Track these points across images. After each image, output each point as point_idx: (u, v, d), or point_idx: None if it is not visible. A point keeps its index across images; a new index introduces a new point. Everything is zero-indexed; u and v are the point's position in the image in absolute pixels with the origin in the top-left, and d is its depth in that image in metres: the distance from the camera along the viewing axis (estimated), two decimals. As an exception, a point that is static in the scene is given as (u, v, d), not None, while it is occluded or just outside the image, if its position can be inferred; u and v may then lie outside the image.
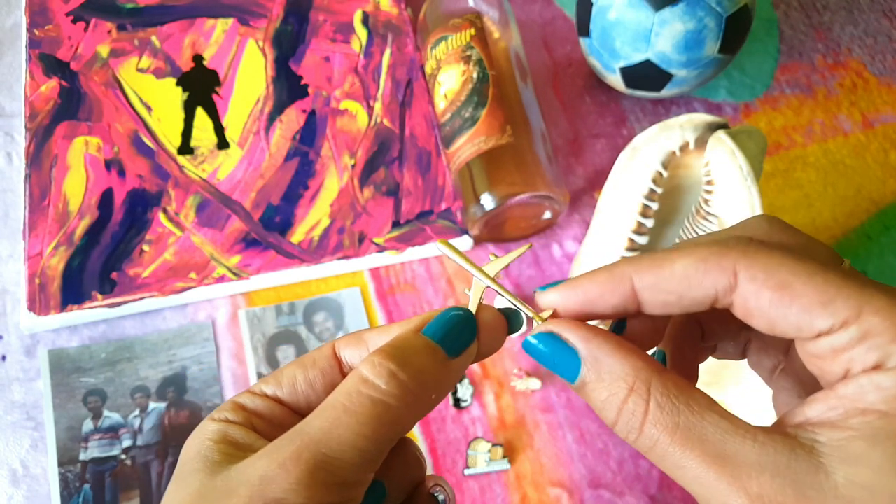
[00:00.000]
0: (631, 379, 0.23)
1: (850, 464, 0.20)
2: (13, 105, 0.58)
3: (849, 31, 0.68)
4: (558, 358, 0.24)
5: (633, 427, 0.22)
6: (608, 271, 0.24)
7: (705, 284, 0.23)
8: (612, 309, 0.24)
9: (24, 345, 0.51)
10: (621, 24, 0.54)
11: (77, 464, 0.47)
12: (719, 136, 0.46)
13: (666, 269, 0.23)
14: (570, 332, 0.24)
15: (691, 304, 0.23)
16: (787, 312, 0.22)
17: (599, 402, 0.23)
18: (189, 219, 0.54)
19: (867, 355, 0.21)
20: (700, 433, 0.21)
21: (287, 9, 0.63)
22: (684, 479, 0.22)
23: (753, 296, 0.22)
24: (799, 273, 0.22)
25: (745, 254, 0.23)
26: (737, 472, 0.21)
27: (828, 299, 0.21)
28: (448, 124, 0.55)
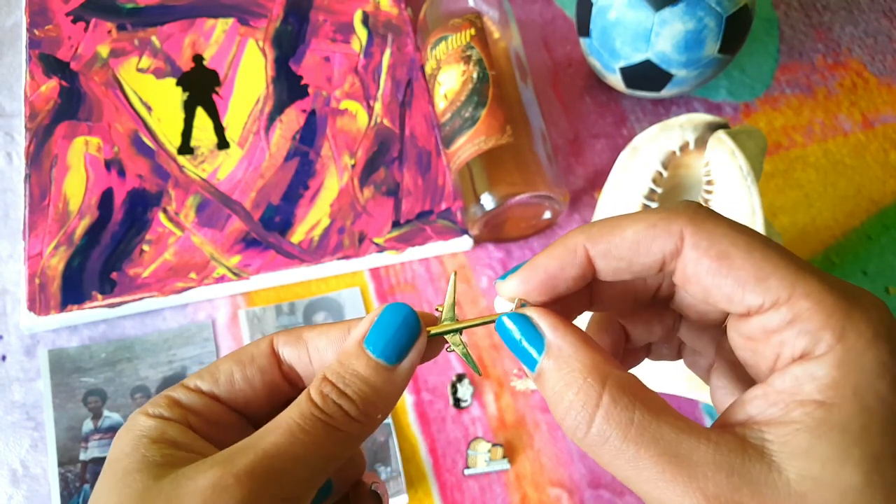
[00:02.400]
0: (587, 371, 0.22)
1: (799, 458, 0.20)
2: (13, 105, 0.58)
3: (849, 31, 0.68)
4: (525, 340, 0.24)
5: (581, 421, 0.22)
6: (562, 244, 0.24)
7: (653, 250, 0.23)
8: (572, 281, 0.24)
9: (25, 345, 0.51)
10: (621, 24, 0.54)
11: (77, 464, 0.47)
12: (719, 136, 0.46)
13: (616, 235, 0.23)
14: (541, 318, 0.24)
15: (641, 269, 0.24)
16: (723, 283, 0.22)
17: (553, 392, 0.23)
18: (189, 219, 0.54)
19: (797, 340, 0.21)
20: (655, 432, 0.21)
21: (287, 9, 0.63)
22: (637, 479, 0.21)
23: (693, 263, 0.22)
24: (740, 245, 0.22)
25: (693, 220, 0.23)
26: (693, 473, 0.20)
27: (763, 276, 0.22)
28: (448, 124, 0.55)
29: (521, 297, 0.25)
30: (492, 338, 0.53)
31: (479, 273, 0.56)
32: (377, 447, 0.50)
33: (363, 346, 0.24)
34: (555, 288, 0.24)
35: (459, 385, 0.51)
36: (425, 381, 0.52)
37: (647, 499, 0.21)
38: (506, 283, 0.25)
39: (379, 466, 0.49)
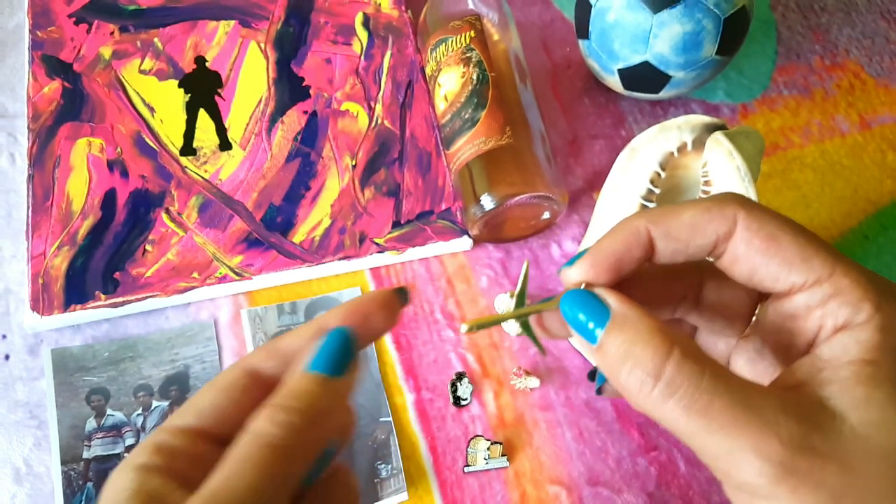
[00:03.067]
0: (656, 330, 0.23)
1: (859, 407, 0.22)
2: (16, 106, 0.59)
3: (846, 33, 0.69)
4: (589, 314, 0.25)
5: (649, 374, 0.23)
6: (625, 227, 0.26)
7: (708, 231, 0.25)
8: (636, 262, 0.26)
9: (28, 344, 0.51)
10: (620, 26, 0.54)
11: (80, 462, 0.48)
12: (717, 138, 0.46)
13: (676, 217, 0.25)
14: (605, 293, 0.25)
15: (695, 251, 0.26)
16: (770, 262, 0.24)
17: (618, 353, 0.23)
18: (191, 219, 0.55)
19: (838, 311, 0.24)
20: (727, 383, 0.22)
21: (288, 11, 0.63)
22: (707, 430, 0.22)
23: (745, 242, 0.25)
24: (786, 230, 0.25)
25: (744, 205, 0.25)
26: (766, 420, 0.22)
27: (807, 256, 0.24)
28: (448, 125, 0.55)
29: (586, 281, 0.26)
30: (491, 337, 0.54)
31: (479, 273, 0.56)
32: (378, 445, 0.50)
33: (304, 371, 0.25)
34: (620, 269, 0.26)
35: (459, 384, 0.52)
36: (425, 379, 0.52)
37: (712, 451, 0.22)
38: (573, 268, 0.26)
39: (379, 464, 0.50)
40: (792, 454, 0.21)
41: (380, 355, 0.53)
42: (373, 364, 0.52)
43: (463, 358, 0.53)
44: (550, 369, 0.53)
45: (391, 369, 0.52)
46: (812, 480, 0.21)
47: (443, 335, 0.54)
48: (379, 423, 0.51)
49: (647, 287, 0.28)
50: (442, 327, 0.54)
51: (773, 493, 0.21)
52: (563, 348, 0.54)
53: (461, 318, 0.54)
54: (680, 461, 0.51)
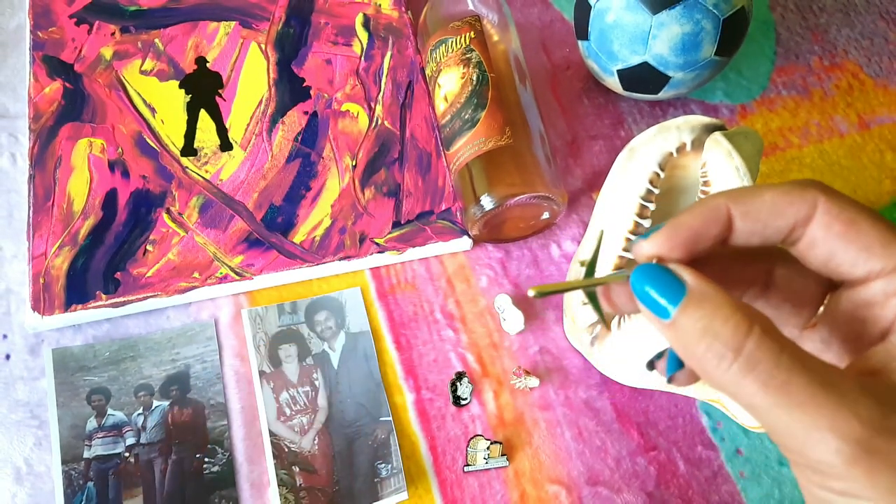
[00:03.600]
0: (737, 306, 0.23)
1: None
2: (17, 106, 0.59)
3: (845, 34, 0.69)
4: (662, 290, 0.24)
5: (729, 349, 0.22)
6: (705, 204, 0.26)
7: (788, 213, 0.25)
8: (712, 240, 0.25)
9: (29, 344, 0.51)
10: (619, 27, 0.55)
11: (81, 462, 0.48)
12: (716, 138, 0.46)
13: (757, 197, 0.25)
14: (680, 268, 0.25)
15: (773, 232, 0.25)
16: (849, 247, 0.24)
17: (695, 330, 0.23)
18: (192, 219, 0.55)
19: None
20: (806, 362, 0.22)
21: (289, 12, 0.63)
22: (784, 406, 0.22)
23: (824, 227, 0.24)
24: (866, 215, 0.24)
25: (824, 190, 0.25)
26: (844, 398, 0.21)
27: (887, 242, 0.24)
28: (448, 126, 0.55)
29: (659, 255, 0.26)
30: (491, 337, 0.54)
31: (479, 273, 0.56)
32: (378, 444, 0.50)
33: None
34: (696, 245, 0.25)
35: (459, 383, 0.52)
36: (425, 379, 0.52)
37: (787, 428, 0.22)
38: (647, 241, 0.26)
39: (379, 464, 0.50)
40: (870, 434, 0.21)
41: (380, 355, 0.53)
42: (373, 364, 0.53)
43: (463, 357, 0.53)
44: (550, 369, 0.53)
45: (391, 369, 0.53)
46: (889, 461, 0.21)
47: (443, 335, 0.54)
48: (379, 422, 0.51)
49: (717, 269, 0.27)
50: (442, 327, 0.54)
51: (847, 473, 0.21)
52: (562, 348, 0.54)
53: (461, 318, 0.54)
54: (679, 461, 0.51)
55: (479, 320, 0.54)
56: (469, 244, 0.56)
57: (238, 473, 0.49)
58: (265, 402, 0.50)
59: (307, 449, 0.50)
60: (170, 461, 0.49)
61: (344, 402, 0.51)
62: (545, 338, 0.54)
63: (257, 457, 0.49)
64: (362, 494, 0.49)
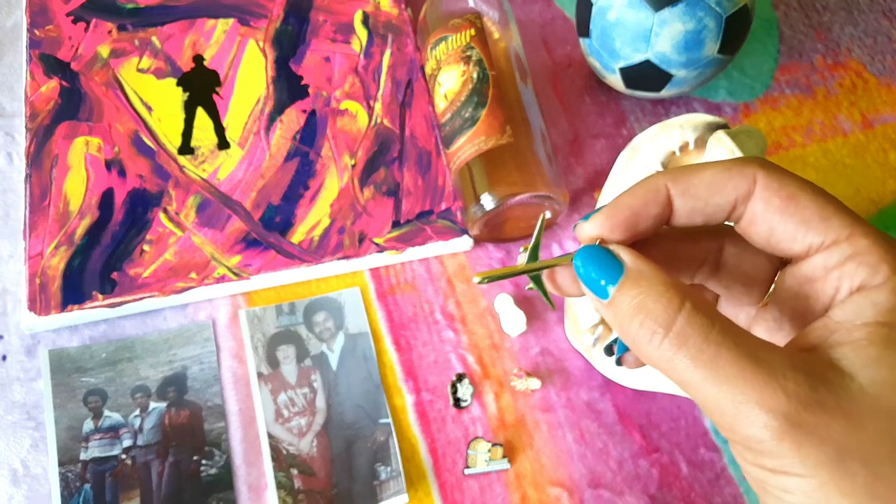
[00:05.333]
0: (669, 284, 0.23)
1: (870, 366, 0.22)
2: (14, 105, 0.58)
3: (848, 32, 0.68)
4: (602, 269, 0.25)
5: (660, 325, 0.23)
6: (644, 184, 0.26)
7: (728, 189, 0.25)
8: (653, 220, 0.26)
9: (25, 345, 0.51)
10: (621, 25, 0.54)
11: (77, 463, 0.48)
12: (719, 137, 0.46)
13: (696, 175, 0.25)
14: (619, 248, 0.25)
15: (714, 210, 0.25)
16: (789, 221, 0.24)
17: (629, 307, 0.23)
18: (189, 219, 0.54)
19: (856, 272, 0.23)
20: (735, 335, 0.22)
21: (287, 9, 0.63)
22: (713, 380, 0.22)
23: (764, 202, 0.24)
24: (806, 190, 0.24)
25: (763, 165, 0.25)
26: (773, 372, 0.21)
27: (826, 216, 0.24)
28: (448, 124, 0.55)
29: (601, 237, 0.26)
30: (492, 338, 0.54)
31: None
32: (377, 447, 0.50)
33: None
34: (636, 225, 0.26)
35: (459, 385, 0.51)
36: (425, 380, 0.52)
37: (717, 405, 0.22)
38: (588, 222, 0.26)
39: (379, 466, 0.49)
40: (797, 408, 0.21)
41: (379, 356, 0.52)
42: (372, 365, 0.52)
43: (463, 359, 0.53)
44: (551, 371, 0.53)
45: (391, 370, 0.52)
46: (817, 435, 0.21)
47: (443, 336, 0.53)
48: (378, 424, 0.50)
49: (665, 250, 0.27)
50: (442, 328, 0.54)
51: (777, 448, 0.21)
52: (564, 349, 0.53)
53: (461, 319, 0.54)
54: (682, 463, 0.51)
55: (479, 321, 0.54)
56: (469, 244, 0.56)
57: (236, 476, 0.49)
58: (263, 403, 0.50)
59: (305, 451, 0.49)
60: (167, 463, 0.48)
61: (343, 403, 0.51)
62: (546, 339, 0.54)
63: (255, 459, 0.49)
64: (361, 497, 0.48)
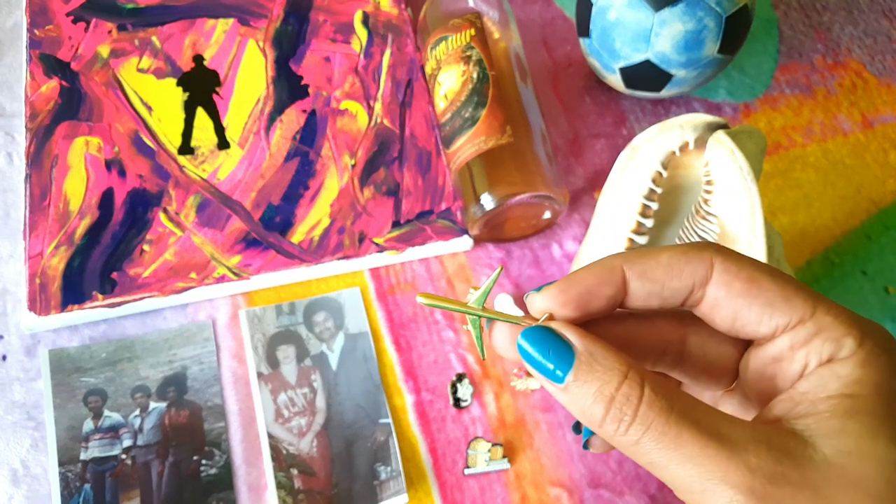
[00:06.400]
0: (626, 367, 0.23)
1: (833, 437, 0.22)
2: (14, 105, 0.58)
3: (848, 32, 0.68)
4: (551, 354, 0.24)
5: (626, 413, 0.22)
6: (600, 264, 0.26)
7: (685, 274, 0.25)
8: (606, 300, 0.25)
9: (25, 345, 0.51)
10: (621, 25, 0.54)
11: (77, 463, 0.48)
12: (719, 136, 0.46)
13: (653, 258, 0.25)
14: (567, 330, 0.24)
15: (671, 294, 0.25)
16: (753, 303, 0.24)
17: (589, 395, 0.23)
18: (189, 219, 0.54)
19: (823, 348, 0.23)
20: (694, 415, 0.22)
21: (287, 9, 0.63)
22: (679, 460, 0.22)
23: (725, 286, 0.24)
24: (764, 271, 0.24)
25: (720, 251, 0.25)
26: (734, 447, 0.21)
27: (788, 296, 0.24)
28: (448, 124, 0.55)
29: (551, 311, 0.25)
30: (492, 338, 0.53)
31: (479, 273, 0.56)
32: (377, 447, 0.50)
33: None
34: (588, 304, 0.25)
35: (459, 385, 0.51)
36: (425, 380, 0.52)
37: (686, 484, 0.22)
38: (540, 294, 0.25)
39: (379, 466, 0.49)
40: (762, 482, 0.21)
41: (379, 356, 0.52)
42: (372, 365, 0.52)
43: (463, 359, 0.53)
44: (551, 370, 0.53)
45: (391, 370, 0.52)
46: None
47: (443, 336, 0.53)
48: (378, 424, 0.50)
49: (621, 334, 0.27)
50: (442, 328, 0.54)
51: None
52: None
53: (461, 319, 0.54)
54: (681, 463, 0.51)
55: (479, 321, 0.54)
56: (469, 244, 0.56)
57: (236, 476, 0.49)
58: (263, 403, 0.50)
59: (305, 451, 0.49)
60: (167, 463, 0.48)
61: (343, 403, 0.51)
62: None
63: (255, 459, 0.49)
64: (361, 497, 0.48)
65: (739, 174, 0.45)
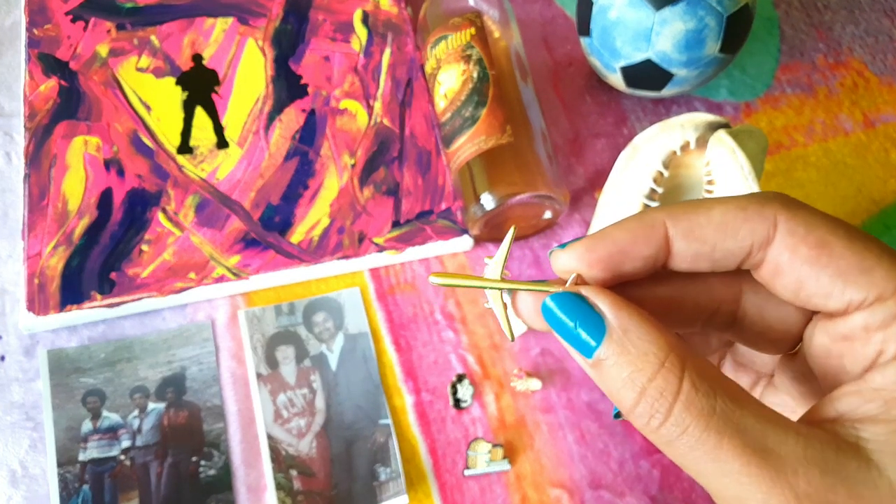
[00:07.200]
0: (664, 353, 0.20)
1: None
2: (12, 105, 0.58)
3: (850, 31, 0.68)
4: (580, 324, 0.21)
5: (659, 409, 0.19)
6: (638, 218, 0.22)
7: (742, 234, 0.21)
8: (643, 262, 0.22)
9: (24, 345, 0.51)
10: (622, 24, 0.54)
11: (76, 464, 0.47)
12: (720, 136, 0.46)
13: (702, 214, 0.21)
14: (598, 297, 0.21)
15: (723, 256, 0.21)
16: (821, 274, 0.20)
17: (619, 379, 0.20)
18: (188, 219, 0.54)
19: None
20: (739, 422, 0.19)
21: (286, 8, 0.62)
22: (717, 473, 0.19)
23: (789, 250, 0.21)
24: (840, 234, 0.20)
25: (787, 206, 0.21)
26: (781, 467, 0.18)
27: (867, 267, 0.20)
28: (448, 124, 0.55)
29: (578, 272, 0.22)
30: (492, 338, 0.53)
31: (479, 273, 0.55)
32: (377, 447, 0.50)
33: None
34: (620, 265, 0.22)
35: (459, 385, 0.51)
36: (425, 381, 0.52)
37: (722, 495, 0.19)
38: (565, 251, 0.22)
39: (378, 467, 0.49)
40: None
41: (379, 356, 0.52)
42: (372, 365, 0.52)
43: (463, 359, 0.53)
44: (552, 371, 0.53)
45: (391, 371, 0.52)
46: None
47: (443, 336, 0.53)
48: (378, 425, 0.50)
49: (665, 294, 0.23)
50: (442, 328, 0.53)
51: None
52: (564, 350, 0.53)
53: (461, 319, 0.54)
54: (682, 463, 0.51)
55: (479, 321, 0.54)
56: (470, 244, 0.56)
57: (235, 477, 0.48)
58: (262, 404, 0.50)
59: (305, 452, 0.49)
60: (166, 464, 0.48)
61: (342, 404, 0.50)
62: (547, 339, 0.53)
63: (254, 460, 0.49)
64: (361, 498, 0.48)
65: (741, 174, 0.44)
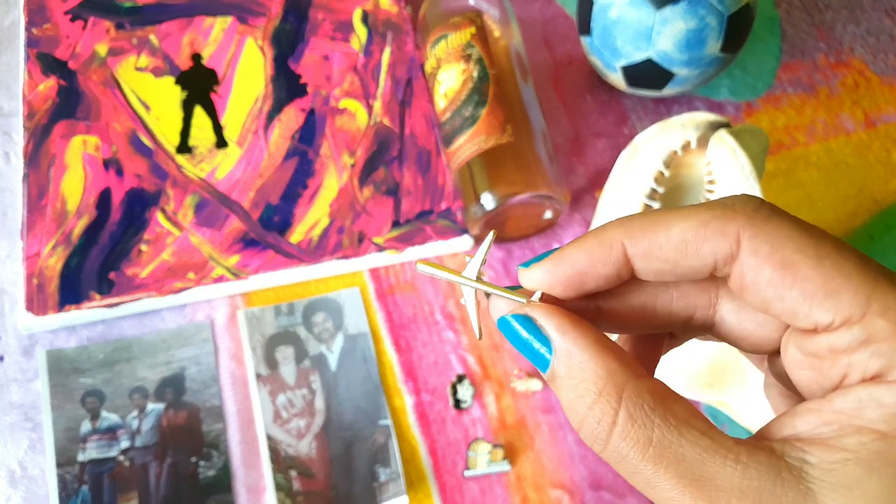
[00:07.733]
0: (601, 382, 0.20)
1: (842, 492, 0.18)
2: (11, 104, 0.58)
3: (851, 30, 0.68)
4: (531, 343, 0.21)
5: (598, 437, 0.20)
6: (596, 238, 0.21)
7: (704, 252, 0.20)
8: (604, 280, 0.22)
9: (22, 345, 0.51)
10: (622, 23, 0.54)
11: (75, 465, 0.47)
12: (721, 135, 0.45)
13: (661, 233, 0.21)
14: (546, 320, 0.21)
15: (688, 272, 0.21)
16: (786, 295, 0.19)
17: (567, 400, 0.21)
18: (187, 218, 0.54)
19: (869, 362, 0.19)
20: (676, 451, 0.19)
21: (286, 7, 0.62)
22: (656, 498, 0.19)
23: (752, 270, 0.20)
24: (807, 251, 0.19)
25: (752, 220, 0.20)
26: (715, 498, 0.18)
27: (833, 289, 0.19)
28: (448, 123, 0.54)
29: (543, 290, 0.22)
30: (492, 338, 0.53)
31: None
32: (377, 448, 0.49)
33: None
34: (582, 285, 0.22)
35: (459, 386, 0.51)
36: (425, 381, 0.52)
37: None
38: (529, 271, 0.22)
39: (378, 467, 0.49)
40: None
41: (379, 357, 0.52)
42: (371, 366, 0.52)
43: (463, 360, 0.52)
44: (552, 371, 0.52)
45: (390, 371, 0.52)
46: None
47: (443, 336, 0.53)
48: (378, 425, 0.50)
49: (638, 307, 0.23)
50: (442, 328, 0.53)
51: None
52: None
53: (461, 320, 0.53)
54: (683, 464, 0.50)
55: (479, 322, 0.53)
56: (470, 243, 0.55)
57: (234, 477, 0.48)
58: (261, 405, 0.50)
59: (304, 453, 0.49)
60: (165, 465, 0.48)
61: (342, 404, 0.50)
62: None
63: (254, 461, 0.49)
64: (361, 499, 0.48)
65: (742, 173, 0.44)
